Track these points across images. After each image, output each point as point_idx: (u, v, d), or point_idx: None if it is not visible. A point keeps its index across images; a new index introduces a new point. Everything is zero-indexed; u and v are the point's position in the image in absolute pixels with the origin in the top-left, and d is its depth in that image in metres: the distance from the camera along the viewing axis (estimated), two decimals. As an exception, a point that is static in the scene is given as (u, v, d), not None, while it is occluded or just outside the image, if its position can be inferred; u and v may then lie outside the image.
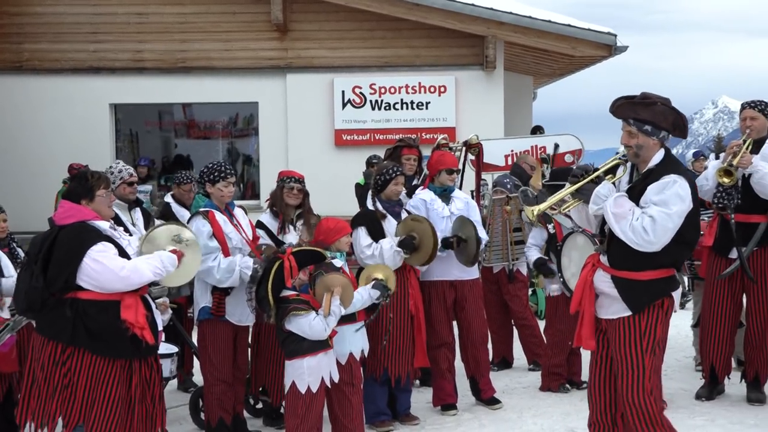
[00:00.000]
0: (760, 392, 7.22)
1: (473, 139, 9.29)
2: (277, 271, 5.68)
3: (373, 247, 6.68)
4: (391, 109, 13.77)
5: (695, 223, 4.95)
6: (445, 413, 7.16)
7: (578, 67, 16.43)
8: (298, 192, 6.90)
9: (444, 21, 13.18)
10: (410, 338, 6.86)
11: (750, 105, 7.18)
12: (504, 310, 8.75)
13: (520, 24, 13.10)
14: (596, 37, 13.27)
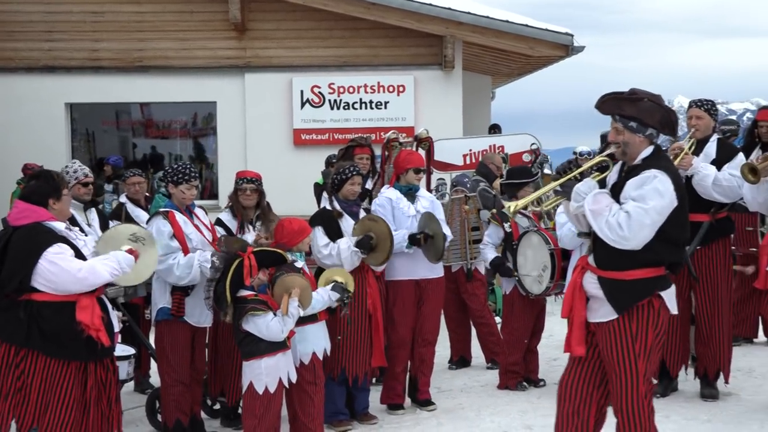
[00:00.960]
0: (713, 388, 7.32)
1: (423, 133, 9.32)
2: (236, 269, 5.67)
3: (330, 246, 6.68)
4: (349, 108, 13.76)
5: (681, 221, 4.82)
6: (392, 412, 7.18)
7: (536, 67, 16.51)
8: (251, 192, 6.92)
9: (402, 21, 13.19)
10: (368, 338, 6.87)
11: (696, 104, 7.26)
12: (462, 308, 8.78)
13: (478, 24, 13.13)
14: (553, 38, 13.35)
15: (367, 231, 6.72)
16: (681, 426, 6.66)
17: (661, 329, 4.86)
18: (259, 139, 13.80)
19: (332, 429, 6.73)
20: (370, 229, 6.72)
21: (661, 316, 4.83)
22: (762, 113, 8.72)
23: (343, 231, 6.77)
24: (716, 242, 7.18)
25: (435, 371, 8.15)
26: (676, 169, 4.91)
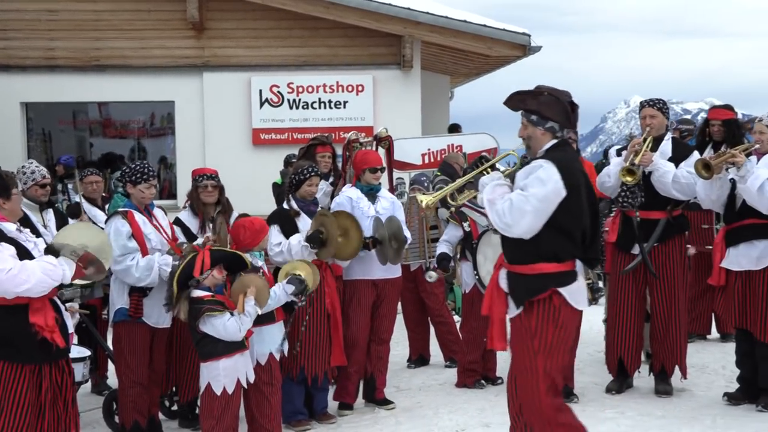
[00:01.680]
0: (667, 384, 7.43)
1: (382, 132, 9.35)
2: (188, 262, 5.67)
3: (282, 244, 6.68)
4: (309, 108, 13.75)
5: (573, 211, 4.81)
6: (342, 412, 7.20)
7: (494, 67, 16.59)
8: (212, 189, 6.92)
9: (361, 20, 13.21)
10: (327, 337, 6.89)
11: (649, 103, 7.37)
12: (421, 307, 8.83)
13: (436, 24, 13.18)
14: (511, 38, 13.44)
15: (319, 226, 6.72)
16: (636, 422, 6.75)
17: (565, 327, 4.86)
18: (218, 139, 13.75)
19: (291, 429, 6.74)
20: (323, 223, 6.72)
21: (562, 313, 4.82)
22: (713, 112, 8.90)
23: (300, 230, 6.78)
24: (672, 239, 7.30)
25: (394, 370, 8.24)
26: (570, 161, 4.91)
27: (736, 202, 6.93)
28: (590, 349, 9.04)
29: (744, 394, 7.05)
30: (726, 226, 7.10)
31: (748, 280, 6.89)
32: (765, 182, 6.58)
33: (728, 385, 7.48)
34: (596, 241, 4.99)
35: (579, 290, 4.91)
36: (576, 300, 4.89)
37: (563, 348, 4.92)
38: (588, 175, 5.02)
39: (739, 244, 6.91)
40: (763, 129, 6.84)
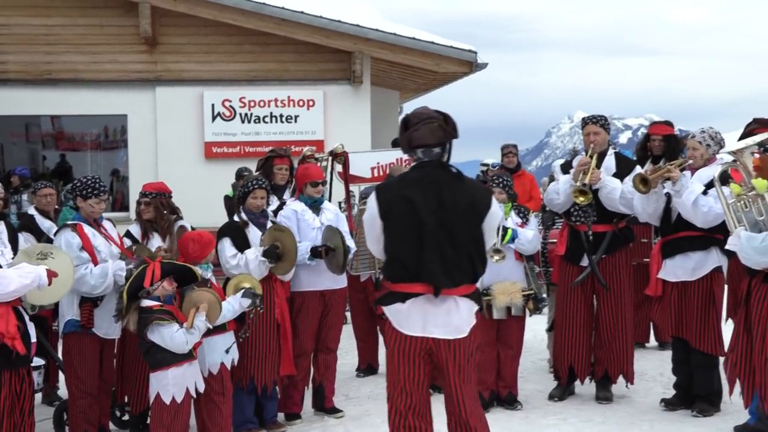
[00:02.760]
0: (608, 391, 7.59)
1: (338, 148, 9.46)
2: (139, 273, 5.75)
3: (238, 257, 6.77)
4: (260, 122, 13.86)
5: (394, 236, 4.77)
6: (290, 422, 7.24)
7: (442, 83, 16.79)
8: (145, 206, 7.02)
9: (311, 36, 13.38)
10: (276, 347, 6.95)
11: (592, 120, 7.56)
12: (370, 317, 8.90)
13: (385, 41, 13.39)
14: (458, 54, 13.68)
15: (274, 241, 6.83)
16: (577, 428, 6.90)
17: (392, 349, 4.86)
18: (170, 152, 13.82)
19: (241, 438, 6.81)
20: (277, 238, 6.83)
21: (389, 334, 4.87)
22: (654, 127, 9.14)
23: (250, 242, 6.90)
24: (619, 251, 7.50)
25: (343, 379, 8.31)
26: (392, 187, 4.94)
27: (671, 216, 7.10)
28: (534, 358, 9.20)
29: (680, 400, 7.23)
30: (662, 238, 7.28)
31: (683, 291, 7.07)
32: (699, 197, 6.77)
33: (665, 391, 7.67)
34: (432, 261, 4.74)
35: (401, 312, 4.80)
36: (398, 322, 4.82)
37: (391, 369, 4.93)
38: (435, 197, 4.78)
39: (675, 256, 7.08)
40: (696, 145, 7.03)
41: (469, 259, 4.78)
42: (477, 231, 4.81)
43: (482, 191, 4.93)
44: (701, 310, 7.02)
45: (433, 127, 4.80)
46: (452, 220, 4.74)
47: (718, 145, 7.03)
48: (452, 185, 4.80)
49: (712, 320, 7.03)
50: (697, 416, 7.00)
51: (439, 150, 4.83)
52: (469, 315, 4.84)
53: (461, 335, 4.81)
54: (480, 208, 4.82)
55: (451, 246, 4.74)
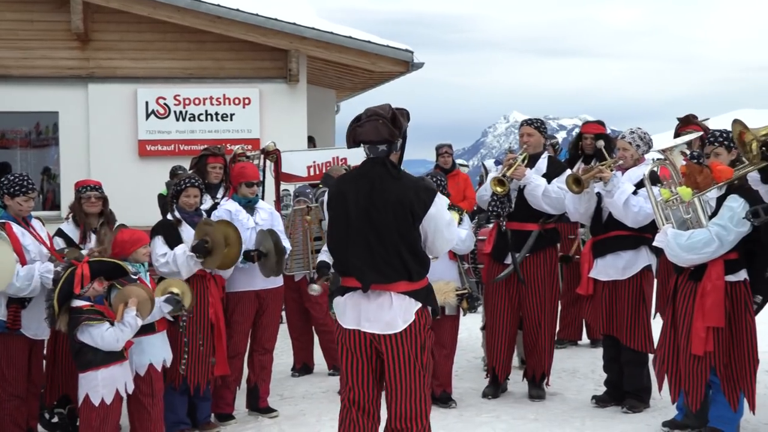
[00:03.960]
0: (540, 389, 7.69)
1: (270, 146, 9.42)
2: (67, 278, 5.68)
3: (167, 254, 6.71)
4: (195, 120, 13.74)
5: (332, 231, 5.03)
6: (223, 423, 7.20)
7: (378, 82, 16.84)
8: (96, 200, 6.93)
9: (247, 34, 13.31)
10: (210, 347, 6.91)
11: (527, 123, 7.71)
12: (305, 317, 8.91)
13: (322, 39, 13.38)
14: (394, 54, 13.72)
15: (203, 235, 6.77)
16: (510, 425, 6.97)
17: (341, 340, 5.05)
18: (103, 150, 13.63)
19: (174, 438, 6.76)
20: (207, 233, 6.76)
21: (336, 326, 5.09)
22: (586, 126, 9.31)
23: (183, 240, 6.83)
24: (543, 251, 7.59)
25: (278, 379, 8.30)
26: (337, 183, 5.12)
27: (602, 215, 7.21)
28: (468, 356, 9.26)
29: (611, 397, 7.35)
30: (593, 237, 7.38)
31: (614, 289, 7.18)
32: (630, 197, 6.88)
33: (596, 388, 7.79)
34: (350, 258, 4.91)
35: (339, 305, 5.02)
36: (338, 314, 5.04)
37: (341, 363, 5.13)
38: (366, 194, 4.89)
39: (606, 255, 7.18)
40: (626, 146, 7.16)
41: (400, 257, 4.82)
42: (407, 229, 4.83)
43: (421, 191, 4.89)
44: (631, 308, 7.13)
45: (378, 125, 4.85)
46: (379, 217, 4.81)
47: (647, 146, 7.18)
48: (386, 182, 4.84)
49: (641, 318, 7.15)
50: (627, 412, 7.12)
51: (385, 148, 4.88)
52: (403, 312, 4.85)
53: (392, 331, 4.84)
54: (413, 207, 4.82)
55: (379, 242, 4.82)
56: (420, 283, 4.91)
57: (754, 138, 5.53)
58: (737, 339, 6.00)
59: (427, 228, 4.88)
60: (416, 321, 4.88)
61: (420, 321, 4.89)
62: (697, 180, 5.83)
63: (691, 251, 5.90)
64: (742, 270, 6.04)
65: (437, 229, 4.91)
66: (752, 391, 6.08)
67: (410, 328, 4.86)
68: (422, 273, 4.93)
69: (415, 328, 4.88)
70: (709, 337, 5.93)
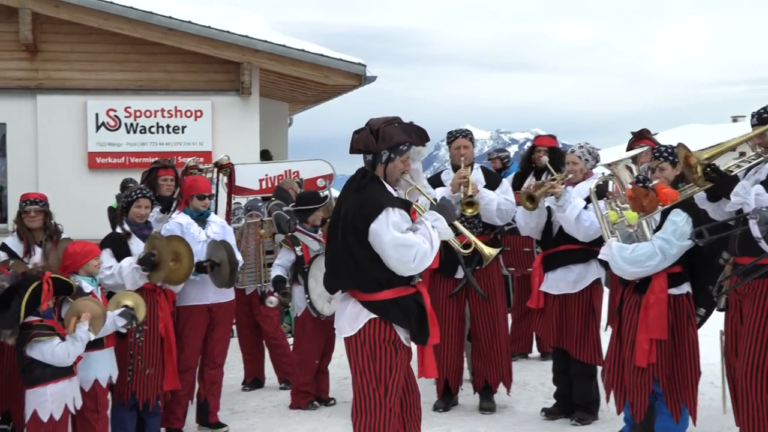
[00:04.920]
0: (491, 402, 7.72)
1: (224, 159, 9.40)
2: (34, 291, 5.60)
3: (113, 267, 6.66)
4: (146, 132, 13.64)
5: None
6: None
7: (331, 95, 16.85)
8: (36, 214, 6.88)
9: (199, 46, 13.26)
10: (160, 361, 6.86)
11: (462, 134, 7.68)
12: (256, 330, 8.89)
13: (274, 52, 13.37)
14: (347, 67, 13.75)
15: (151, 249, 6.72)
16: (461, 438, 7.01)
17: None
18: (52, 162, 13.46)
19: (122, 454, 6.70)
20: (155, 246, 6.73)
21: None
22: (538, 140, 9.37)
23: (133, 253, 6.78)
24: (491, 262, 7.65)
25: (229, 393, 8.27)
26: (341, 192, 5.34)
27: (552, 229, 7.30)
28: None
29: (560, 409, 7.41)
30: (543, 251, 7.47)
31: (564, 303, 7.26)
32: (582, 212, 6.96)
33: (546, 401, 7.85)
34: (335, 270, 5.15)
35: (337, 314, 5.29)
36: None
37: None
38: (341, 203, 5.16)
39: (557, 269, 7.26)
40: (575, 160, 7.26)
41: (347, 267, 5.00)
42: (353, 242, 4.96)
43: (367, 205, 4.94)
44: (581, 321, 7.21)
45: (364, 134, 5.04)
46: (343, 227, 5.01)
47: (595, 160, 7.29)
48: (350, 193, 5.07)
49: (591, 331, 7.23)
50: (576, 425, 7.19)
51: (370, 158, 5.06)
52: (352, 318, 5.01)
53: (343, 335, 5.10)
54: (355, 221, 4.95)
55: (335, 249, 5.08)
56: (375, 296, 4.97)
57: (698, 162, 5.62)
58: (680, 351, 6.08)
59: (374, 244, 4.93)
60: (366, 330, 4.97)
61: (371, 332, 4.96)
62: (643, 203, 5.91)
63: (635, 264, 5.99)
64: (686, 283, 6.13)
65: (381, 248, 4.91)
66: (694, 402, 6.17)
67: (359, 336, 4.99)
68: (372, 287, 4.96)
69: (363, 338, 4.98)
70: (653, 349, 6.00)
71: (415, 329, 5.05)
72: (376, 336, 4.97)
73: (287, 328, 10.36)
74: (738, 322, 5.91)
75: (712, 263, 6.05)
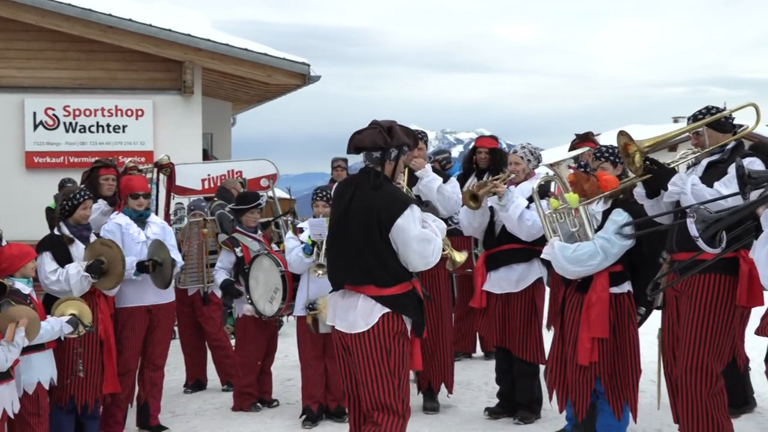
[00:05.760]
0: (434, 402, 7.72)
1: (164, 159, 9.30)
2: None
3: (58, 272, 6.55)
4: (86, 131, 13.47)
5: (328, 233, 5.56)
6: None
7: (275, 95, 16.82)
8: None
9: (139, 45, 13.13)
10: (99, 364, 6.75)
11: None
12: (198, 332, 8.81)
13: (217, 51, 13.30)
14: (291, 66, 13.72)
15: (98, 255, 6.65)
16: (404, 438, 7.03)
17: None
18: (-12, 162, 13.25)
19: (60, 459, 6.58)
20: (102, 253, 6.65)
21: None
22: (480, 141, 9.39)
23: (73, 256, 6.68)
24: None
25: (170, 395, 8.19)
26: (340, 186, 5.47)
27: (495, 228, 7.32)
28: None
29: (503, 409, 7.43)
30: (486, 251, 7.49)
31: (507, 302, 7.28)
32: (524, 211, 7.00)
33: (489, 400, 7.85)
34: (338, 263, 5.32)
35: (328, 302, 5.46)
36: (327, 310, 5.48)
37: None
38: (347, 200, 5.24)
39: (500, 268, 7.29)
40: (517, 160, 7.29)
41: (365, 263, 5.11)
42: (373, 237, 5.07)
43: (393, 202, 5.11)
44: (524, 320, 7.25)
45: (374, 132, 5.16)
46: (351, 223, 5.12)
47: (537, 160, 7.33)
48: (364, 191, 5.15)
49: (533, 330, 7.27)
50: (519, 424, 7.21)
51: (378, 156, 5.16)
52: (366, 314, 5.10)
53: (354, 331, 5.12)
54: (380, 216, 5.06)
55: (349, 246, 5.15)
56: (389, 290, 5.12)
57: (637, 150, 5.72)
58: (621, 349, 6.12)
59: (396, 239, 5.09)
60: (379, 325, 5.10)
61: (385, 326, 5.11)
62: (584, 187, 5.99)
63: (577, 263, 6.03)
64: (627, 282, 6.17)
65: (405, 242, 5.09)
66: (635, 400, 6.22)
67: (372, 331, 5.10)
68: (389, 281, 5.12)
69: (378, 332, 5.10)
70: (594, 348, 6.03)
71: (420, 321, 5.26)
72: (391, 329, 5.12)
73: (230, 329, 10.28)
74: (675, 320, 6.01)
75: (653, 262, 6.15)
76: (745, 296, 5.73)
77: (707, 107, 6.02)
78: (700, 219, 4.36)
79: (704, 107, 6.02)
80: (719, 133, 5.95)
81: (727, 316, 5.77)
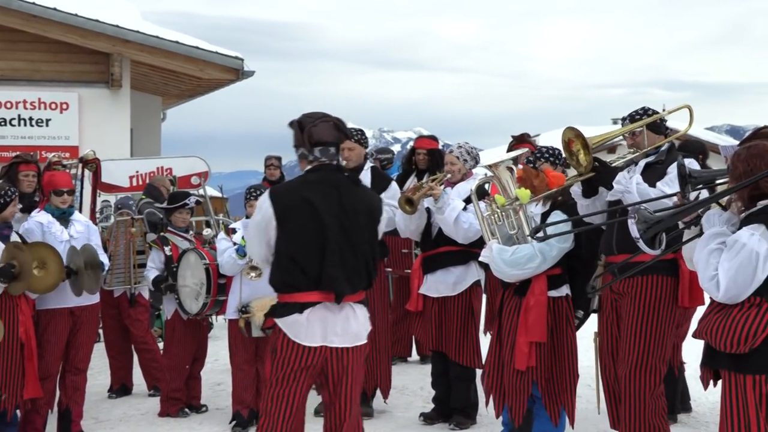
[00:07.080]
0: (369, 407, 7.60)
1: (90, 154, 9.04)
2: None
3: None
4: (6, 125, 13.15)
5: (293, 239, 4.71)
6: None
7: (207, 90, 16.68)
8: None
9: (65, 35, 12.86)
10: (20, 368, 6.52)
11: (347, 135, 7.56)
12: (124, 335, 8.58)
13: (146, 43, 13.11)
14: (224, 61, 13.58)
15: (11, 259, 6.39)
16: (337, 443, 6.89)
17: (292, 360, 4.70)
18: None
19: (-24, 468, 6.34)
20: (15, 256, 6.39)
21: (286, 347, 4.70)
22: (419, 141, 9.29)
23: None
24: None
25: (94, 401, 7.98)
26: (291, 187, 4.92)
27: (432, 231, 7.24)
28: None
29: (438, 414, 7.34)
30: (423, 253, 7.41)
31: (443, 305, 7.21)
32: (461, 213, 6.94)
33: (425, 405, 7.75)
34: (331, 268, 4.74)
35: (299, 323, 4.70)
36: (295, 334, 4.69)
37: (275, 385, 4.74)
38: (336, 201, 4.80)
39: (436, 271, 7.21)
40: (453, 160, 7.21)
41: (366, 266, 4.85)
42: (373, 236, 4.92)
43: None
44: (460, 323, 7.19)
45: (329, 125, 4.84)
46: (352, 225, 4.78)
47: (474, 160, 7.28)
48: (351, 189, 4.87)
49: (470, 333, 7.21)
50: (454, 429, 7.14)
51: (334, 150, 4.86)
52: (365, 321, 4.93)
53: (360, 342, 4.86)
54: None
55: (351, 251, 4.77)
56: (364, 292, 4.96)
57: (581, 148, 5.75)
58: (559, 354, 6.10)
59: (378, 233, 5.02)
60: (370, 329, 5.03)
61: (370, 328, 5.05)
62: (534, 183, 5.97)
63: (515, 266, 5.98)
64: (565, 285, 6.15)
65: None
66: (572, 405, 6.19)
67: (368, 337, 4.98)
68: (371, 283, 4.97)
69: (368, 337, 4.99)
70: (532, 352, 6.00)
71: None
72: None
73: (158, 332, 10.03)
74: (614, 323, 5.99)
75: (591, 265, 6.15)
76: (687, 297, 5.82)
77: (644, 108, 6.09)
78: (642, 220, 4.30)
79: (641, 108, 6.09)
80: (655, 134, 6.04)
81: (670, 316, 5.82)
